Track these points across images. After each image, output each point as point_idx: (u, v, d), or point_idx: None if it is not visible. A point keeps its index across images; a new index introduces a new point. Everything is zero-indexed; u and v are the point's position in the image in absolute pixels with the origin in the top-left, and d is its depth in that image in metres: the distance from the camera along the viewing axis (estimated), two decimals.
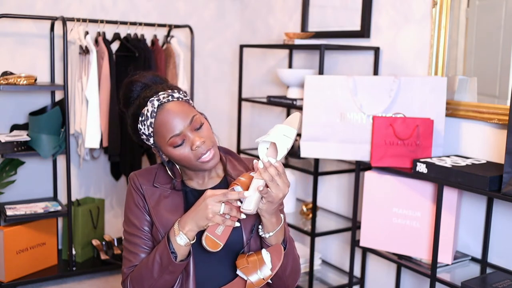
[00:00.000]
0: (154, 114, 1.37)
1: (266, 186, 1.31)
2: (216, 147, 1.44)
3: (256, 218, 1.43)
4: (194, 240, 1.35)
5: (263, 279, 1.36)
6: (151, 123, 1.38)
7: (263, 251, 1.39)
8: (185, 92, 1.46)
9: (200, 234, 1.36)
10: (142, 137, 1.43)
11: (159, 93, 1.40)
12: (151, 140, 1.41)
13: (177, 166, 1.49)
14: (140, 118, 1.40)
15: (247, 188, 1.33)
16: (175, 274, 1.36)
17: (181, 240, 1.32)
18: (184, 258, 1.36)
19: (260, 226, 1.42)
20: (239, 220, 1.35)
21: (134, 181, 1.47)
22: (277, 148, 1.32)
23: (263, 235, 1.41)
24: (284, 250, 1.42)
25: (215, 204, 1.29)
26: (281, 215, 1.42)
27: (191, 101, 1.46)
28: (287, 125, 1.35)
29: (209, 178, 1.51)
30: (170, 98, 1.39)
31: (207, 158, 1.39)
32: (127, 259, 1.45)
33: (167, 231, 1.39)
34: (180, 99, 1.41)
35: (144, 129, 1.40)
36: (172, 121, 1.36)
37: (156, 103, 1.38)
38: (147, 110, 1.38)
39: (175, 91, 1.43)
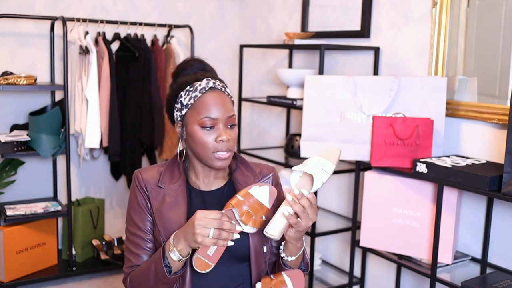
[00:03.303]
0: (204, 91, 1.41)
1: (296, 215, 1.32)
2: (233, 153, 1.45)
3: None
4: (188, 256, 1.34)
5: None
6: (196, 96, 1.40)
7: (284, 276, 1.39)
8: (230, 91, 1.51)
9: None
10: (176, 104, 1.44)
11: (216, 80, 1.45)
12: (184, 111, 1.42)
13: (188, 164, 1.49)
14: (187, 87, 1.42)
15: (241, 207, 1.30)
16: (170, 284, 1.36)
17: (175, 256, 1.31)
18: (178, 270, 1.35)
19: (281, 248, 1.43)
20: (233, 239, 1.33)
21: (139, 180, 1.47)
22: (314, 181, 1.32)
23: (285, 258, 1.42)
24: (305, 271, 1.46)
25: (204, 229, 1.25)
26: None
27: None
28: (325, 159, 1.34)
29: (215, 178, 1.50)
30: (223, 89, 1.44)
31: (222, 156, 1.40)
32: (128, 259, 1.45)
33: (167, 236, 1.39)
34: (230, 97, 1.46)
35: (185, 98, 1.42)
36: (214, 105, 1.39)
37: (210, 84, 1.41)
38: (200, 84, 1.41)
39: (228, 88, 1.48)
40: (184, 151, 1.49)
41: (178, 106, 1.43)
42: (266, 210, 1.33)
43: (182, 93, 1.42)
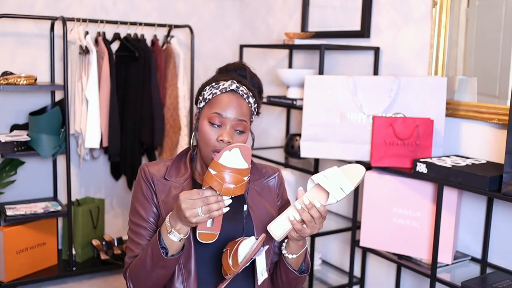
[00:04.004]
0: (224, 91, 1.44)
1: (302, 221, 1.32)
2: None
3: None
4: (188, 234, 1.34)
5: (231, 266, 1.32)
6: (215, 93, 1.45)
7: (252, 238, 1.35)
8: (256, 101, 1.51)
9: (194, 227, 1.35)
10: (200, 97, 1.49)
11: (244, 86, 1.48)
12: (202, 104, 1.47)
13: (196, 162, 1.51)
14: (213, 84, 1.47)
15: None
16: (167, 269, 1.36)
17: (175, 237, 1.31)
18: (177, 252, 1.35)
19: (283, 245, 1.44)
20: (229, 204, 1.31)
21: (145, 172, 1.48)
22: (329, 197, 1.31)
23: (286, 255, 1.43)
24: (306, 273, 1.47)
25: (192, 210, 1.25)
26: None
27: (254, 117, 1.51)
28: (347, 178, 1.32)
29: None
30: (245, 96, 1.46)
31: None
32: (130, 249, 1.46)
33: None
34: (250, 106, 1.47)
35: (207, 93, 1.47)
36: (228, 105, 1.42)
37: (233, 86, 1.45)
38: (223, 84, 1.46)
39: (254, 98, 1.49)
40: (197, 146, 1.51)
41: (200, 98, 1.49)
42: (245, 171, 1.28)
43: (207, 88, 1.48)
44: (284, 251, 1.43)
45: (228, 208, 1.28)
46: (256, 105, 1.51)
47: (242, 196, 1.46)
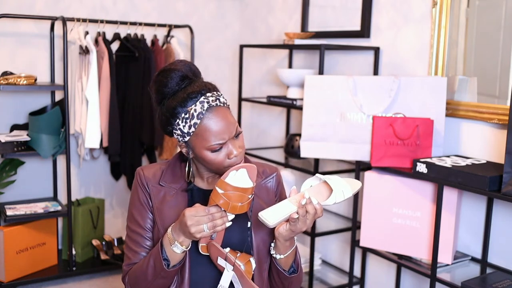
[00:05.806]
0: (201, 116, 1.33)
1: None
2: (243, 157, 1.43)
3: (270, 234, 1.45)
4: (190, 247, 1.35)
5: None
6: (195, 123, 1.33)
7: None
8: (222, 95, 1.42)
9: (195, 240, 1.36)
10: (175, 131, 1.37)
11: (207, 94, 1.35)
12: (187, 138, 1.36)
13: (192, 167, 1.46)
14: (183, 115, 1.34)
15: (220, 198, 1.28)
16: (168, 279, 1.37)
17: (178, 249, 1.32)
18: (178, 263, 1.36)
19: (272, 245, 1.44)
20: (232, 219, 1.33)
21: (140, 177, 1.47)
22: (330, 196, 1.34)
23: (274, 255, 1.43)
24: (296, 273, 1.46)
25: (198, 226, 1.27)
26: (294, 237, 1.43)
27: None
28: (348, 184, 1.36)
29: (219, 177, 1.50)
30: (217, 102, 1.35)
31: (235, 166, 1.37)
32: (127, 256, 1.46)
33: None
34: (225, 105, 1.38)
35: (184, 126, 1.35)
36: (219, 129, 1.33)
37: (205, 105, 1.33)
38: (194, 110, 1.33)
39: (219, 93, 1.39)
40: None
41: (178, 132, 1.37)
42: (250, 189, 1.30)
43: (179, 121, 1.35)
44: (272, 252, 1.43)
45: (230, 223, 1.30)
46: (222, 94, 1.40)
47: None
